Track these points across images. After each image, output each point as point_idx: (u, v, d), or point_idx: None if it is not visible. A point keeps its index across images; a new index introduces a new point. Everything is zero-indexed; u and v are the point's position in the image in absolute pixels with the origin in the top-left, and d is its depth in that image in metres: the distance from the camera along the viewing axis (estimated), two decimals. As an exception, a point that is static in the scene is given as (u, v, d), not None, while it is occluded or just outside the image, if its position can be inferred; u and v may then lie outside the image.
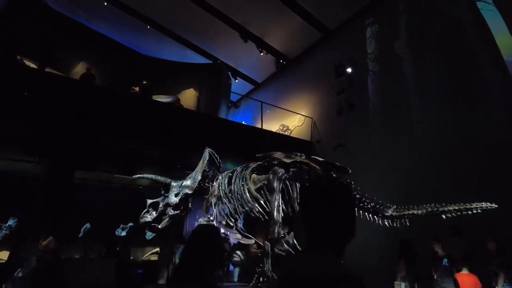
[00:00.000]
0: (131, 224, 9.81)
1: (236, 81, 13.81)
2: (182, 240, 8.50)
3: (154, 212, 4.97)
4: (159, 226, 4.87)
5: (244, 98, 15.17)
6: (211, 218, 4.30)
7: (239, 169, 4.26)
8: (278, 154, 3.79)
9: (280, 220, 3.36)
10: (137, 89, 9.52)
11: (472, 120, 6.99)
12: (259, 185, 3.86)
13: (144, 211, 5.04)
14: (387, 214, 2.79)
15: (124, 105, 8.02)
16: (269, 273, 4.77)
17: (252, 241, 4.46)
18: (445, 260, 4.56)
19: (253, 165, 4.11)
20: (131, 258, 9.07)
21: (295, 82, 12.54)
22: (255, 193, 3.81)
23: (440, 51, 8.07)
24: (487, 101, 6.89)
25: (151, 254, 9.93)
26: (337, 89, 10.18)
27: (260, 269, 4.89)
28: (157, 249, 10.01)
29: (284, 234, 3.24)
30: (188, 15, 11.62)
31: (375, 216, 2.95)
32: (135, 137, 8.20)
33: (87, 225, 8.68)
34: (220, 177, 4.40)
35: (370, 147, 8.67)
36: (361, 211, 3.11)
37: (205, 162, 4.76)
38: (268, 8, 11.13)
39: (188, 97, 11.84)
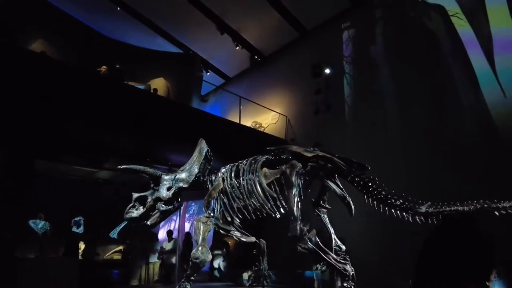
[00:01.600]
0: (81, 218, 8.99)
1: (208, 73, 13.34)
2: (188, 240, 7.87)
3: (141, 208, 4.51)
4: (148, 223, 4.42)
5: (213, 92, 14.76)
6: (212, 214, 3.98)
7: (245, 162, 4.00)
8: (296, 148, 3.61)
9: (300, 217, 3.18)
10: (103, 69, 8.71)
11: (443, 122, 7.46)
12: (271, 179, 3.65)
13: (130, 206, 4.55)
14: (420, 211, 2.75)
15: (93, 88, 7.19)
16: (265, 272, 4.60)
17: (253, 239, 4.23)
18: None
19: (262, 158, 3.88)
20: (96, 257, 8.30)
21: (269, 80, 12.46)
22: (267, 188, 3.59)
23: (414, 58, 8.50)
24: (457, 106, 7.40)
25: (113, 253, 9.18)
26: (314, 89, 10.30)
27: (256, 268, 4.69)
28: (120, 247, 9.29)
29: (306, 231, 3.07)
30: (163, 0, 10.94)
31: (405, 213, 2.90)
32: (104, 124, 7.47)
33: (42, 222, 7.71)
34: (223, 170, 4.10)
35: (346, 147, 8.86)
36: (387, 208, 3.05)
37: (203, 154, 4.42)
38: (248, 1, 10.90)
39: (158, 87, 11.15)
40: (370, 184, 3.19)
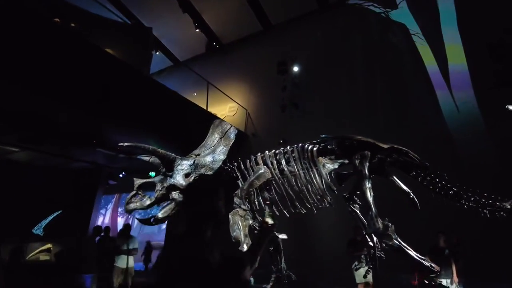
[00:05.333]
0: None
1: (157, 53, 12.02)
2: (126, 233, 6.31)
3: (147, 197, 3.66)
4: (159, 216, 3.58)
5: (156, 74, 13.39)
6: (247, 206, 3.40)
7: (290, 149, 3.55)
8: (363, 137, 3.34)
9: (376, 211, 2.93)
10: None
11: (405, 122, 8.10)
12: (329, 170, 3.30)
13: (131, 194, 3.66)
14: (506, 208, 2.79)
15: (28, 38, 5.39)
16: (285, 272, 4.21)
17: (285, 236, 3.80)
18: (446, 251, 5.02)
19: (313, 146, 3.50)
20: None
21: (226, 70, 11.89)
22: (327, 180, 3.24)
23: (378, 67, 9.13)
24: (418, 117, 8.17)
25: (39, 252, 7.39)
26: (278, 86, 10.15)
27: (275, 268, 4.25)
28: (49, 245, 7.54)
29: (389, 226, 2.83)
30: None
31: (483, 210, 2.91)
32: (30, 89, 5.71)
33: None
34: (263, 157, 3.56)
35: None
36: (458, 204, 3.04)
37: (232, 137, 3.81)
38: (217, -17, 10.21)
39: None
40: (437, 180, 3.13)
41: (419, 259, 2.84)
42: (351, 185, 3.77)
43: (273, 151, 3.65)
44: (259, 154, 3.70)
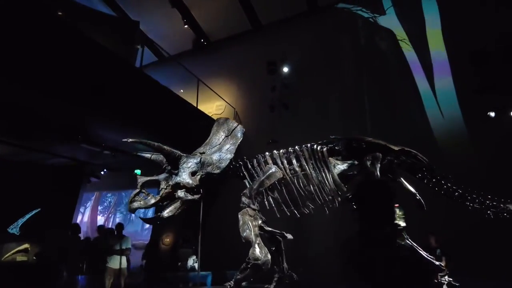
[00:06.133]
0: None
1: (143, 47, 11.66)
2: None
3: (151, 196, 3.54)
4: (165, 215, 3.47)
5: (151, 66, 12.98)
6: (256, 206, 3.35)
7: (299, 149, 3.54)
8: (373, 139, 3.39)
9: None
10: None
11: (392, 125, 8.33)
12: (339, 170, 3.33)
13: (135, 192, 3.52)
14: (510, 209, 2.92)
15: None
16: (287, 273, 4.20)
17: (291, 236, 3.79)
18: (438, 251, 5.20)
19: (322, 147, 3.51)
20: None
21: (214, 68, 11.75)
22: (338, 180, 3.26)
23: (365, 71, 9.36)
24: (405, 123, 8.42)
25: (15, 253, 6.97)
26: (267, 85, 10.14)
27: (277, 269, 4.23)
28: (26, 245, 7.13)
29: (401, 227, 2.89)
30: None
31: (487, 211, 3.04)
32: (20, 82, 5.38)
33: None
34: (272, 156, 3.53)
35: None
36: (464, 204, 3.15)
37: (239, 136, 3.76)
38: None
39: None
40: (443, 182, 3.24)
41: (429, 258, 2.92)
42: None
43: (281, 150, 3.63)
44: (266, 153, 3.67)
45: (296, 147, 3.62)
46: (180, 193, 3.50)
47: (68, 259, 6.64)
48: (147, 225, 10.25)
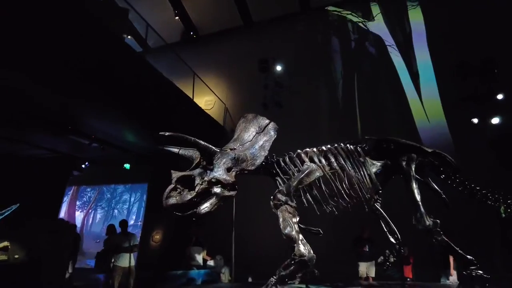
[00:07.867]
0: None
1: (129, 37, 11.19)
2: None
3: (187, 191, 3.46)
4: (202, 211, 3.38)
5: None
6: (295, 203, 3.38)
7: (333, 148, 3.62)
8: (407, 141, 3.56)
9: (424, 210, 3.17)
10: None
11: (380, 126, 8.72)
12: (375, 170, 3.47)
13: (170, 188, 3.40)
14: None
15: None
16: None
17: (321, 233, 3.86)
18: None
19: (356, 146, 3.62)
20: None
21: (202, 62, 11.52)
22: (375, 179, 3.39)
23: (356, 72, 9.71)
24: (392, 127, 8.85)
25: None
26: (259, 83, 10.18)
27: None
28: (6, 243, 6.57)
29: (438, 223, 3.08)
30: None
31: None
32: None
33: None
34: (308, 154, 3.58)
35: (296, 146, 9.16)
36: (486, 204, 3.41)
37: (272, 133, 3.78)
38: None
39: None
40: (467, 183, 3.49)
41: (462, 253, 3.15)
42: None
43: (314, 148, 3.70)
44: (298, 150, 3.73)
45: (329, 146, 3.71)
46: (217, 189, 3.42)
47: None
48: (133, 221, 9.88)
